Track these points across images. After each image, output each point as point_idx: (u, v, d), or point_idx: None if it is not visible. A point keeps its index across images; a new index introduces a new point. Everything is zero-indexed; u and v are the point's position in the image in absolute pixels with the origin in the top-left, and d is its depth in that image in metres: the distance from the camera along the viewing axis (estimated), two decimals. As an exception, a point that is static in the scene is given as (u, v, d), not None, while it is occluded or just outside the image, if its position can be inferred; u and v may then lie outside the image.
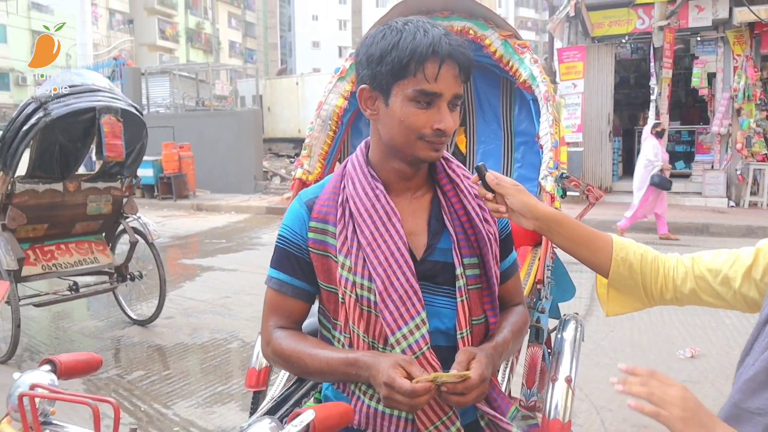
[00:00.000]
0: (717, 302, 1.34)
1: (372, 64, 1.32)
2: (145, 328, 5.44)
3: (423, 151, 1.33)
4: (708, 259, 1.35)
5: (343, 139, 2.73)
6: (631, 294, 1.42)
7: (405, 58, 1.26)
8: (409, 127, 1.30)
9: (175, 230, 11.16)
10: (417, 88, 1.27)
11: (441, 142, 1.33)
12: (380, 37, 1.32)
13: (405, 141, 1.32)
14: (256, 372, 2.28)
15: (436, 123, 1.29)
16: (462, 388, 1.24)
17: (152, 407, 3.89)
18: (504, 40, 2.47)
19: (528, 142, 2.79)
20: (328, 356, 1.34)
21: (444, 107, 1.30)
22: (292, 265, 1.42)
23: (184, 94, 20.02)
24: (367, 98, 1.37)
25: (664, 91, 11.63)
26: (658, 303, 1.42)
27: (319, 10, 53.14)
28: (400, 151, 1.35)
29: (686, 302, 1.39)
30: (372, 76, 1.32)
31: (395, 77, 1.29)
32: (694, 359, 4.47)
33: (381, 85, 1.32)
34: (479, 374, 1.26)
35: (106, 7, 41.69)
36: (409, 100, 1.28)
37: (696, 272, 1.35)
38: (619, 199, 12.69)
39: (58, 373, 1.22)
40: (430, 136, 1.30)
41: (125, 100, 5.06)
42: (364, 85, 1.35)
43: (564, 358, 2.11)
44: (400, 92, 1.29)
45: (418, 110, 1.29)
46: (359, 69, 1.37)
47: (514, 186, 1.37)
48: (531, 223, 1.37)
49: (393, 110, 1.31)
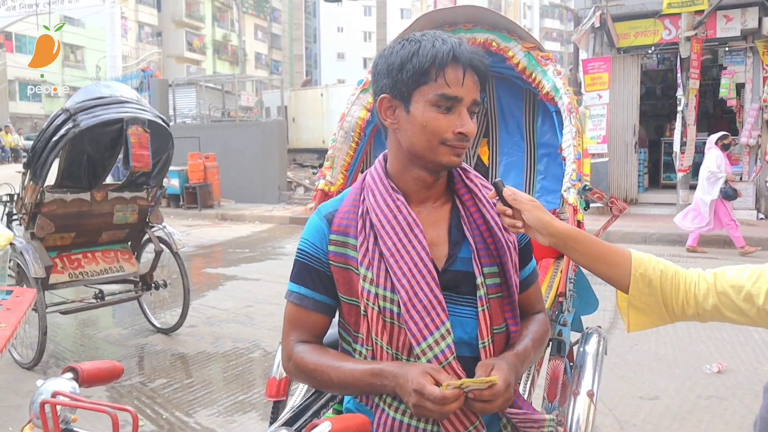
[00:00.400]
0: (740, 319, 1.32)
1: (392, 73, 1.34)
2: (168, 336, 5.49)
3: (445, 156, 1.33)
4: (731, 274, 1.33)
5: (366, 150, 2.74)
6: (652, 311, 1.40)
7: (426, 64, 1.30)
8: (432, 132, 1.31)
9: (200, 239, 11.27)
10: (438, 93, 1.30)
11: (463, 147, 1.34)
12: (399, 47, 1.35)
13: (427, 147, 1.33)
14: (277, 382, 2.28)
15: (458, 127, 1.31)
16: (489, 395, 1.24)
17: (174, 415, 3.92)
18: (527, 52, 2.46)
19: (551, 154, 2.78)
20: (352, 368, 1.34)
21: (464, 112, 1.32)
22: (312, 279, 1.43)
23: (210, 105, 20.28)
24: (387, 108, 1.38)
25: (691, 102, 11.48)
26: (679, 319, 1.40)
27: (344, 22, 53.53)
28: (422, 158, 1.35)
29: (708, 318, 1.36)
30: (392, 85, 1.35)
31: (416, 83, 1.31)
32: (721, 374, 4.38)
33: (401, 93, 1.34)
34: (504, 379, 1.26)
35: (136, 20, 42.55)
36: (431, 105, 1.31)
37: (718, 288, 1.33)
38: (644, 211, 12.54)
39: (80, 380, 1.24)
40: (452, 141, 1.32)
41: (152, 111, 5.14)
42: (384, 95, 1.37)
43: (586, 372, 2.09)
44: (421, 98, 1.31)
45: (439, 115, 1.31)
46: (378, 80, 1.39)
47: (531, 202, 1.37)
48: (547, 239, 1.36)
49: (414, 116, 1.32)
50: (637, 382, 4.30)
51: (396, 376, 1.27)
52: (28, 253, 4.59)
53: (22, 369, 4.64)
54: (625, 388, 4.17)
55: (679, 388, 4.19)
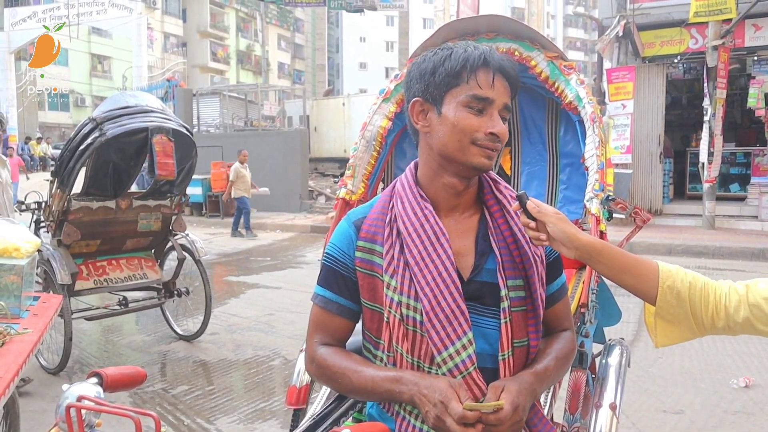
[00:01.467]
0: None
1: (425, 77, 1.37)
2: (190, 343, 5.53)
3: (476, 157, 1.34)
4: (763, 287, 1.31)
5: (387, 159, 2.75)
6: (681, 324, 1.37)
7: (458, 67, 1.33)
8: (463, 131, 1.33)
9: (222, 248, 11.37)
10: (470, 94, 1.32)
11: (494, 148, 1.35)
12: (431, 54, 1.39)
13: (459, 146, 1.34)
14: (297, 390, 2.29)
15: (490, 128, 1.33)
16: (494, 420, 1.23)
17: (195, 422, 3.94)
18: (550, 61, 2.45)
19: (574, 164, 2.75)
20: (373, 374, 1.35)
21: (496, 114, 1.34)
22: (338, 284, 1.44)
23: (234, 114, 20.50)
24: (419, 112, 1.40)
25: (718, 112, 11.34)
26: (709, 332, 1.38)
27: (366, 32, 53.85)
28: (453, 159, 1.36)
29: (740, 332, 1.34)
30: (424, 89, 1.37)
31: (448, 86, 1.34)
32: (749, 389, 4.30)
33: (434, 96, 1.36)
34: (511, 403, 1.24)
35: (162, 30, 43.21)
36: (463, 107, 1.33)
37: (750, 300, 1.30)
38: (670, 222, 12.38)
39: (104, 386, 1.26)
40: (483, 140, 1.33)
41: (176, 121, 5.21)
42: (417, 98, 1.39)
43: (609, 384, 2.06)
44: (452, 100, 1.34)
45: (471, 115, 1.33)
46: (412, 85, 1.41)
47: (556, 214, 1.36)
48: (572, 252, 1.35)
49: (446, 117, 1.34)
50: (662, 395, 4.23)
51: (418, 385, 1.27)
52: (54, 259, 4.66)
53: (47, 374, 4.71)
54: (649, 402, 4.11)
55: (705, 403, 4.12)
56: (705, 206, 11.73)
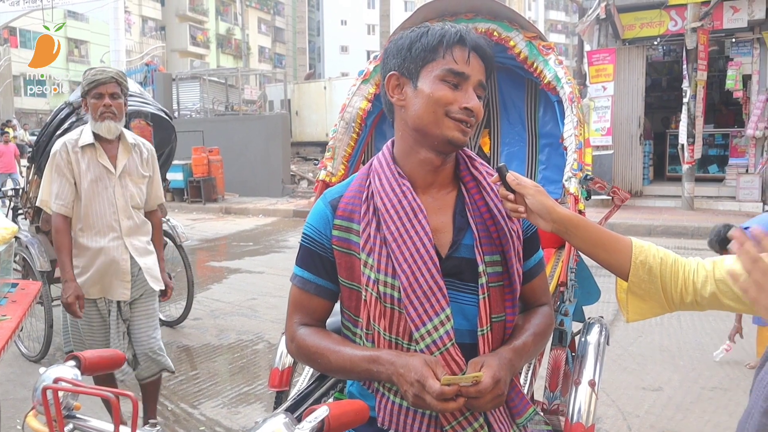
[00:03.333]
0: (738, 306, 1.32)
1: (402, 52, 1.39)
2: (173, 329, 5.51)
3: (450, 130, 1.35)
4: (729, 262, 1.33)
5: (367, 141, 2.74)
6: (651, 299, 1.40)
7: (434, 42, 1.35)
8: (438, 102, 1.34)
9: (204, 233, 11.30)
10: (446, 68, 1.34)
11: (469, 123, 1.36)
12: (409, 32, 1.41)
13: (433, 119, 1.34)
14: (279, 372, 2.30)
15: (464, 102, 1.34)
16: (474, 392, 1.24)
17: (179, 407, 3.94)
18: (528, 42, 2.45)
19: (553, 144, 2.77)
20: (350, 353, 1.36)
21: (471, 90, 1.35)
22: (316, 264, 1.45)
23: (214, 98, 20.28)
24: (395, 86, 1.41)
25: (699, 94, 11.42)
26: (678, 308, 1.40)
27: (347, 15, 53.45)
28: (428, 133, 1.36)
29: (707, 306, 1.36)
30: (401, 63, 1.39)
31: (424, 60, 1.36)
32: (725, 365, 4.38)
33: (410, 70, 1.37)
34: (491, 376, 1.26)
35: (139, 14, 42.54)
36: (439, 80, 1.34)
37: (717, 275, 1.33)
38: (650, 203, 12.51)
39: (82, 368, 1.25)
40: (457, 113, 1.34)
41: (155, 105, 5.14)
42: (393, 72, 1.40)
43: (588, 362, 2.09)
44: (429, 74, 1.35)
45: (446, 88, 1.34)
46: (388, 60, 1.42)
47: (534, 187, 1.37)
48: (549, 225, 1.37)
49: (422, 90, 1.35)
50: (641, 373, 4.30)
51: (394, 364, 1.28)
52: (33, 246, 4.61)
53: (29, 362, 4.68)
54: (629, 380, 4.17)
55: (683, 380, 4.19)
56: (684, 187, 11.86)
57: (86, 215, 3.05)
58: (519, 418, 1.42)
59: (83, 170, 3.04)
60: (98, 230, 3.06)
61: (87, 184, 3.04)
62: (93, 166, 3.05)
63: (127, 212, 3.12)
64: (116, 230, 3.08)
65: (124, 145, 3.15)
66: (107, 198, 3.07)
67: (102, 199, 3.06)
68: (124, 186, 3.11)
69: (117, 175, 3.09)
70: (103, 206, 3.06)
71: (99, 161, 3.06)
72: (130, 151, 3.16)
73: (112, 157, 3.10)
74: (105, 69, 3.13)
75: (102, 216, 3.06)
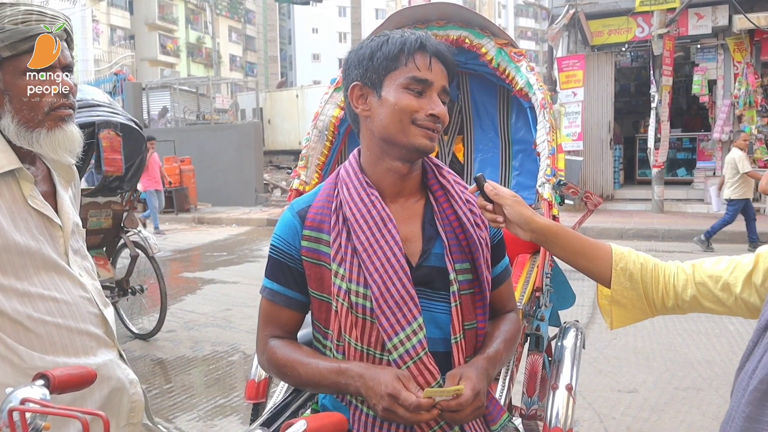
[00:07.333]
0: (718, 308, 1.33)
1: (363, 62, 1.37)
2: (146, 342, 5.42)
3: (417, 138, 1.33)
4: (709, 265, 1.34)
5: (340, 149, 2.73)
6: (634, 305, 1.40)
7: (395, 50, 1.34)
8: (403, 110, 1.32)
9: (177, 244, 11.16)
10: (409, 76, 1.32)
11: (435, 129, 1.35)
12: (368, 41, 1.39)
13: (400, 127, 1.33)
14: (256, 384, 2.27)
15: (430, 109, 1.33)
16: (455, 405, 1.23)
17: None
18: (500, 49, 2.47)
19: (526, 150, 2.79)
20: (320, 366, 1.34)
21: (435, 96, 1.34)
22: (285, 276, 1.42)
23: (185, 108, 20.10)
24: (358, 96, 1.39)
25: (665, 99, 11.65)
26: (660, 312, 1.41)
27: (319, 23, 53.40)
28: (395, 142, 1.35)
29: (688, 310, 1.37)
30: (363, 73, 1.37)
31: (387, 69, 1.34)
32: (698, 366, 4.45)
33: (372, 80, 1.36)
34: (471, 388, 1.25)
35: (108, 23, 41.97)
36: (402, 89, 1.33)
37: (697, 279, 1.34)
38: (621, 207, 12.69)
39: (51, 387, 1.21)
40: (423, 121, 1.33)
41: (124, 115, 5.07)
42: (356, 83, 1.38)
43: (564, 366, 2.10)
44: (392, 83, 1.34)
45: (411, 96, 1.33)
46: (350, 72, 1.40)
47: (513, 197, 1.37)
48: (528, 234, 1.37)
49: (386, 100, 1.34)
50: (616, 375, 4.34)
51: (363, 377, 1.27)
52: None
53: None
54: (604, 382, 4.21)
55: (657, 381, 4.24)
56: (654, 191, 12.06)
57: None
58: (494, 425, 1.41)
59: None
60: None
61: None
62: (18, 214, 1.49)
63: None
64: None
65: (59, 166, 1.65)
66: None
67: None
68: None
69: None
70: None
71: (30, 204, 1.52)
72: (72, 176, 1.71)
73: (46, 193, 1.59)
74: (43, 10, 1.59)
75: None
